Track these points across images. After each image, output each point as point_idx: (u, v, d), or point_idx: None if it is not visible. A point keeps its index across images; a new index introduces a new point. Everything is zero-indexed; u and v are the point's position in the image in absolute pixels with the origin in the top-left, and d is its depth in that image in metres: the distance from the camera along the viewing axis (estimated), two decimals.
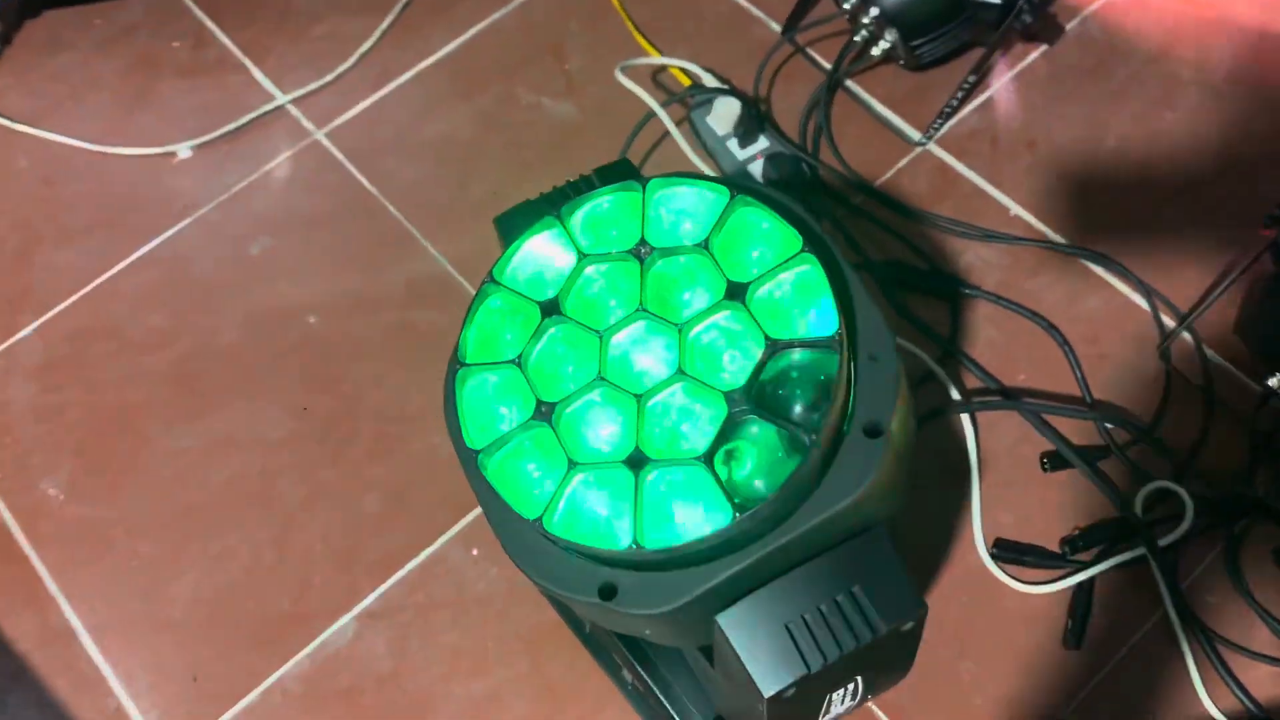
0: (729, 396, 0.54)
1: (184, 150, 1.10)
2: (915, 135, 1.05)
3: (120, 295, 1.03)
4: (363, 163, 1.09)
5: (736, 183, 0.59)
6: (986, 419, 0.92)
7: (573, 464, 0.55)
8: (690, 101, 1.06)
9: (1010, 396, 0.93)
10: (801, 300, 0.56)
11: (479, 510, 0.92)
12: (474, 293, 0.60)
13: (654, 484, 0.54)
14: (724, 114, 1.02)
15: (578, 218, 0.61)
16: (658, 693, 0.77)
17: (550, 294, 0.59)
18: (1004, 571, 0.86)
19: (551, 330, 0.58)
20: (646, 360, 0.57)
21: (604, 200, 0.60)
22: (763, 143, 1.03)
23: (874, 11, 1.01)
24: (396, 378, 0.98)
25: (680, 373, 0.55)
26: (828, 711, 0.62)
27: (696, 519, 0.53)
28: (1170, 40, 1.08)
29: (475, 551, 0.90)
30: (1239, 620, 0.84)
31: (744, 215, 0.58)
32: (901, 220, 1.01)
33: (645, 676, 0.78)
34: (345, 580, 0.90)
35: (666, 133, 1.06)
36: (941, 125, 1.05)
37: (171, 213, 1.07)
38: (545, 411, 0.56)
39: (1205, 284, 0.96)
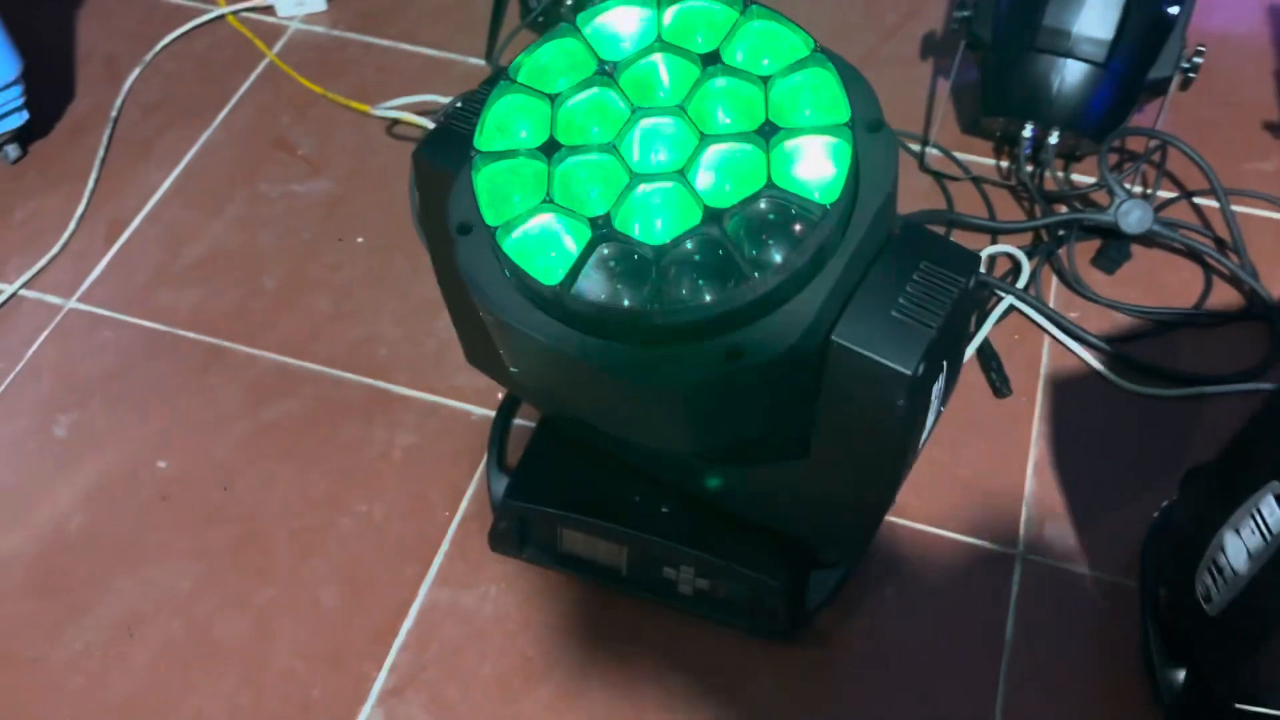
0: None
1: None
2: None
3: None
4: (135, 307, 1.00)
5: None
6: None
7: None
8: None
9: None
10: None
11: (446, 544, 0.86)
12: (316, 369, 0.56)
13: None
14: None
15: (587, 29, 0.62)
16: (734, 565, 0.76)
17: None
18: None
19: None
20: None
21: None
22: None
23: None
24: (284, 474, 0.90)
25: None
26: (924, 426, 0.65)
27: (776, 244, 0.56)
28: None
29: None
30: (1104, 317, 0.98)
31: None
32: None
33: (712, 558, 0.76)
34: (345, 676, 0.80)
35: None
36: None
37: None
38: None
39: (929, 95, 1.12)
